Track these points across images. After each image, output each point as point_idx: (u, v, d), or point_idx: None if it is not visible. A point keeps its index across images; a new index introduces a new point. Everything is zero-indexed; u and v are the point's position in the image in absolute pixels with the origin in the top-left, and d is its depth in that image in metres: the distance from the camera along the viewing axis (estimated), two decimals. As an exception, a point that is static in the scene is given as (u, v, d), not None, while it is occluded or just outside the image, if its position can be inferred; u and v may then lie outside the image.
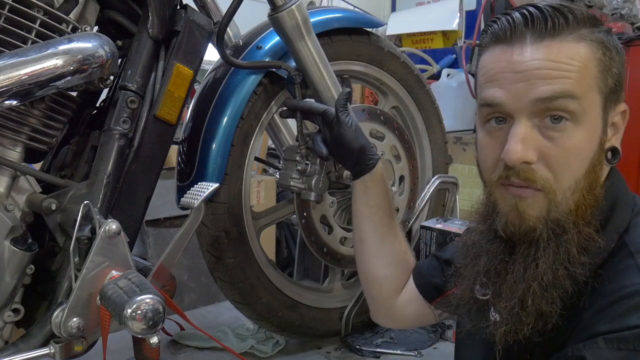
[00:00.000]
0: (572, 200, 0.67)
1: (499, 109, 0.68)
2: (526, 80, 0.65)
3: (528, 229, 0.68)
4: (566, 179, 0.66)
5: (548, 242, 0.67)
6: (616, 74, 0.67)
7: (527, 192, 0.68)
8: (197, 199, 1.03)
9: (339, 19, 1.32)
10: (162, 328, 0.94)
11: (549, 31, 0.65)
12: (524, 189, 0.68)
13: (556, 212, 0.67)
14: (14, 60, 0.82)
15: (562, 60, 0.64)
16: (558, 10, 0.65)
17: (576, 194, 0.67)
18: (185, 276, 2.42)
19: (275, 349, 1.40)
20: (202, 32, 1.08)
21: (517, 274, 0.69)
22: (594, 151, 0.66)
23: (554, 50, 0.65)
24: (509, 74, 0.66)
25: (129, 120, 0.99)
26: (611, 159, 0.69)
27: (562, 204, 0.67)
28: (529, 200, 0.68)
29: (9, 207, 0.91)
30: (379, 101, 1.54)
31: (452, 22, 3.24)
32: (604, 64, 0.66)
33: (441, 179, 1.54)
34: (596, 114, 0.66)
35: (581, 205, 0.67)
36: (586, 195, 0.67)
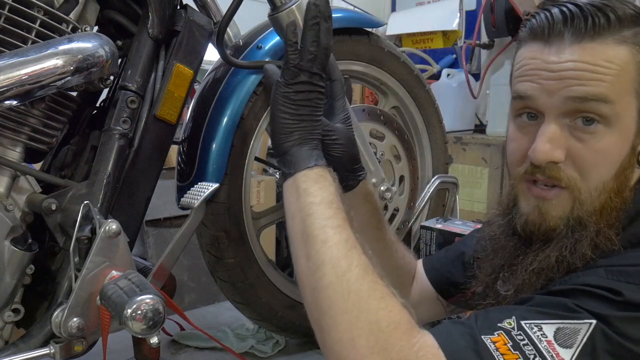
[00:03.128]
0: (598, 201, 0.66)
1: (530, 104, 0.68)
2: (560, 79, 0.64)
3: (548, 229, 0.68)
4: (593, 180, 0.66)
5: (564, 238, 0.67)
6: None
7: (550, 193, 0.68)
8: (197, 199, 1.03)
9: (339, 19, 1.32)
10: (162, 328, 0.94)
11: (589, 32, 0.63)
12: (547, 191, 0.68)
13: (580, 210, 0.66)
14: (14, 60, 0.82)
15: (599, 63, 0.63)
16: (600, 9, 0.63)
17: (603, 195, 0.66)
18: (185, 276, 2.42)
19: (275, 349, 1.40)
20: (202, 32, 1.08)
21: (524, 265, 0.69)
22: (625, 155, 0.66)
23: (592, 52, 0.63)
24: (543, 72, 0.66)
25: (129, 120, 0.99)
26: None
27: (586, 203, 0.66)
28: (552, 202, 0.68)
29: (9, 207, 0.91)
30: (379, 101, 1.54)
31: (452, 22, 3.24)
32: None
33: (441, 179, 1.54)
34: (631, 117, 0.65)
35: (607, 207, 0.66)
36: (614, 197, 0.66)
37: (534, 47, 0.67)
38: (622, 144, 0.65)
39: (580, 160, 0.66)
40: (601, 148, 0.65)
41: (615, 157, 0.66)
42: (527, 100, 0.68)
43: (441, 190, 1.58)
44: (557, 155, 0.65)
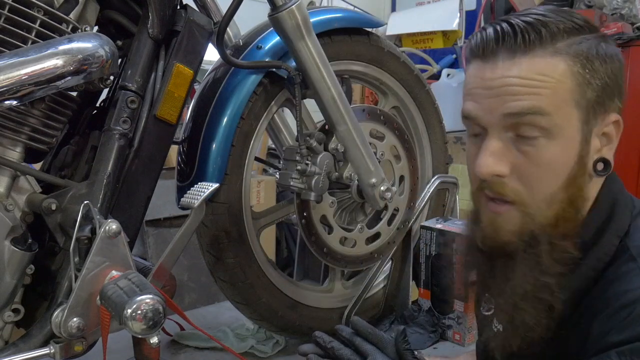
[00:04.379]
0: (550, 212, 0.67)
1: (474, 122, 0.69)
2: (497, 96, 0.65)
3: (502, 243, 0.69)
4: (540, 192, 0.66)
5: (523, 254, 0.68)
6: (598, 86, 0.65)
7: (502, 208, 0.68)
8: (197, 199, 1.03)
9: (339, 19, 1.32)
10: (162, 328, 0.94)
11: (519, 47, 0.64)
12: (500, 206, 0.69)
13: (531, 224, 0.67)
14: (14, 60, 0.82)
15: (533, 77, 0.64)
16: (531, 24, 0.64)
17: (554, 205, 0.66)
18: (185, 276, 2.42)
19: (275, 349, 1.40)
20: (202, 32, 1.08)
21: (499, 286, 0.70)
22: (571, 165, 0.66)
23: (525, 66, 0.64)
24: (482, 90, 0.67)
25: (129, 120, 0.99)
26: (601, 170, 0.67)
27: (537, 215, 0.67)
28: (504, 216, 0.68)
29: (9, 207, 0.91)
30: (379, 101, 1.54)
31: (452, 22, 3.24)
32: (582, 77, 0.64)
33: (441, 179, 1.54)
34: (574, 128, 0.65)
35: (561, 217, 0.67)
36: (567, 207, 0.67)
37: (474, 65, 0.69)
38: (566, 155, 0.66)
39: (524, 173, 0.66)
40: (544, 160, 0.65)
41: (560, 168, 0.66)
42: (472, 119, 0.69)
43: (441, 190, 1.58)
44: (499, 169, 0.66)
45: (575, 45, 0.64)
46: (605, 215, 0.68)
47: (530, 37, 0.64)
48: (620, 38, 2.28)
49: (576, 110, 0.65)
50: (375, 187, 1.26)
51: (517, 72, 0.64)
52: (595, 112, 0.66)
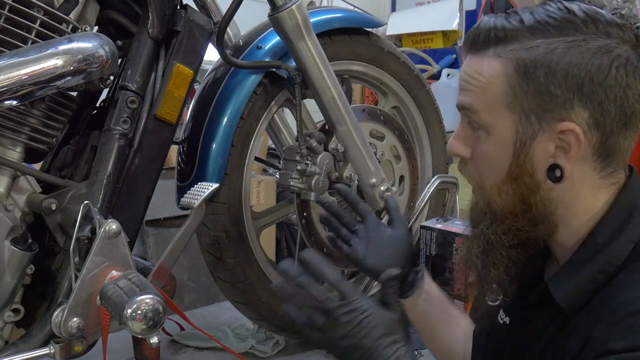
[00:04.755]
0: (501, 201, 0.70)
1: None
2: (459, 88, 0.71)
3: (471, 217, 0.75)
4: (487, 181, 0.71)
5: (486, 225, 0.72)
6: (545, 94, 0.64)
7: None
8: (197, 199, 1.03)
9: (339, 19, 1.32)
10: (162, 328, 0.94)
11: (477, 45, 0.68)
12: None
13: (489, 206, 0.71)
14: (14, 60, 0.82)
15: (471, 75, 0.68)
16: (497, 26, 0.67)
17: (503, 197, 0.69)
18: (185, 276, 2.42)
19: (275, 349, 1.40)
20: (202, 32, 1.08)
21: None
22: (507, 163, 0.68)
23: (471, 64, 0.69)
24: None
25: (129, 120, 0.99)
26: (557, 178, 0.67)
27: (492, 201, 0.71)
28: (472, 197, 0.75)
29: (9, 207, 0.91)
30: (379, 101, 1.54)
31: (452, 22, 3.24)
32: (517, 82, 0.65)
33: (441, 179, 1.54)
34: (505, 128, 0.67)
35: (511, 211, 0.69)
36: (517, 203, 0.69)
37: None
38: (501, 152, 0.68)
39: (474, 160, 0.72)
40: (482, 152, 0.70)
41: (496, 164, 0.69)
42: None
43: (441, 190, 1.57)
44: (459, 151, 0.72)
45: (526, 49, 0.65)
46: (622, 219, 0.67)
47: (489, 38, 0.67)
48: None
49: (509, 112, 0.67)
50: (375, 187, 1.26)
51: (466, 69, 0.69)
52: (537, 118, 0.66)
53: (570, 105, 0.64)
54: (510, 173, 0.68)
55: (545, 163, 0.67)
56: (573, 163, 0.66)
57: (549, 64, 0.64)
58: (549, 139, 0.66)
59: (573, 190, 0.67)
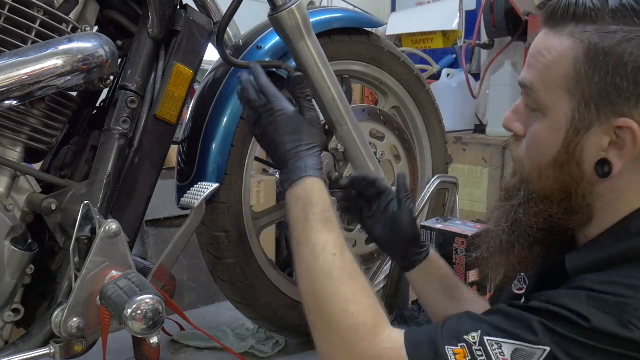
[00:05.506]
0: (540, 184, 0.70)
1: None
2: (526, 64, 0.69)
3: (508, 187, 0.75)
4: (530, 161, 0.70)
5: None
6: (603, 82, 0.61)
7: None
8: (197, 199, 1.03)
9: (339, 19, 1.32)
10: (162, 328, 0.94)
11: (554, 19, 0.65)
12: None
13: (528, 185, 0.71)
14: (14, 60, 0.82)
15: (540, 52, 0.66)
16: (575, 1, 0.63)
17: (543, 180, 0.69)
18: (185, 276, 2.42)
19: (275, 349, 1.40)
20: (202, 32, 1.08)
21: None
22: (556, 148, 0.66)
23: (545, 39, 0.66)
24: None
25: (129, 120, 0.99)
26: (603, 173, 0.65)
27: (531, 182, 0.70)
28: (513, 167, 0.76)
29: (9, 207, 0.91)
30: (379, 101, 1.54)
31: (452, 22, 3.24)
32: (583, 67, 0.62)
33: (441, 179, 1.54)
34: (561, 112, 0.65)
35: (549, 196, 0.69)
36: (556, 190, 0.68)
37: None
38: (552, 136, 0.66)
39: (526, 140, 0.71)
40: (534, 133, 0.69)
41: (544, 147, 0.68)
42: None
43: (441, 190, 1.57)
44: (514, 127, 0.72)
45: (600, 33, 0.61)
46: None
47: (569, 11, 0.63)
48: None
49: (568, 96, 0.64)
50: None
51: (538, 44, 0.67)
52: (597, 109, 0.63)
53: (635, 101, 0.61)
54: (557, 159, 0.67)
55: (596, 156, 0.65)
56: (624, 162, 0.64)
57: (622, 55, 0.60)
58: (605, 133, 0.64)
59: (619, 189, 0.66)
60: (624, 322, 0.57)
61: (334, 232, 0.76)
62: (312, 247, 0.74)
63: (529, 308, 0.62)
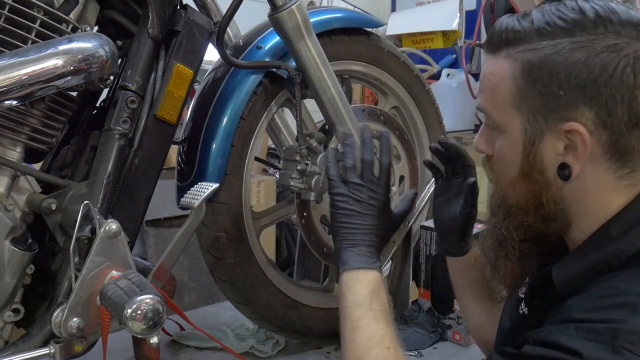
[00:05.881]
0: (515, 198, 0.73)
1: None
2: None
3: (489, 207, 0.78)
4: (502, 178, 0.74)
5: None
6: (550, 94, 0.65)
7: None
8: (197, 199, 1.03)
9: (339, 19, 1.32)
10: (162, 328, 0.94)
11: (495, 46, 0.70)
12: None
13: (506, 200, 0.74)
14: (14, 60, 0.82)
15: (486, 76, 0.71)
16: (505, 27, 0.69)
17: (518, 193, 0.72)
18: (185, 276, 2.42)
19: (275, 349, 1.40)
20: (202, 32, 1.08)
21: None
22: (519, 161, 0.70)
23: (487, 65, 0.72)
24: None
25: (129, 120, 0.99)
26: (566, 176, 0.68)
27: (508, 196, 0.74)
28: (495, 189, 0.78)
29: (9, 207, 0.91)
30: (379, 101, 1.54)
31: (452, 22, 3.24)
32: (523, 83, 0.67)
33: (441, 179, 1.53)
34: (514, 128, 0.69)
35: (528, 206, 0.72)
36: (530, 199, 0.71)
37: None
38: (513, 150, 0.70)
39: (494, 157, 0.75)
40: (498, 150, 0.73)
41: (509, 161, 0.72)
42: None
43: (441, 190, 1.57)
44: (482, 148, 0.76)
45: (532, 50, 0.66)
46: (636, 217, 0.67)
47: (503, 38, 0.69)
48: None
49: (517, 112, 0.69)
50: (375, 187, 1.26)
51: (483, 70, 0.73)
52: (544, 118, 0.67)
53: (575, 105, 0.64)
54: (522, 170, 0.71)
55: (556, 162, 0.68)
56: (581, 162, 0.66)
57: (552, 65, 0.64)
58: (557, 138, 0.67)
59: (585, 188, 0.68)
60: (616, 349, 0.57)
61: (391, 328, 0.78)
62: (370, 336, 0.77)
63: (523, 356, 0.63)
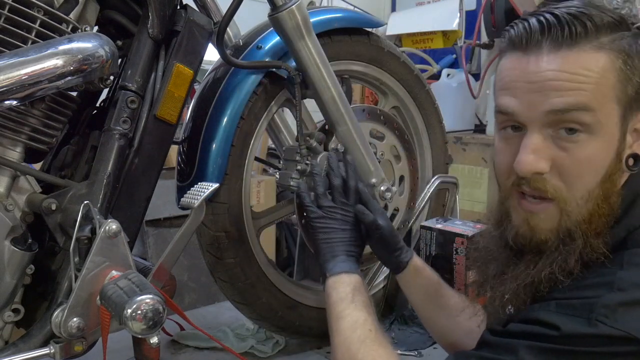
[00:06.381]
0: (586, 209, 0.66)
1: (512, 118, 0.68)
2: (540, 91, 0.64)
3: (539, 242, 0.69)
4: (579, 189, 0.66)
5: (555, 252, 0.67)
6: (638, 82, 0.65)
7: (539, 207, 0.68)
8: (197, 199, 1.03)
9: (339, 19, 1.32)
10: (162, 328, 0.94)
11: (566, 40, 0.63)
12: (536, 205, 0.68)
13: (568, 222, 0.67)
14: (14, 60, 0.82)
15: (578, 72, 0.63)
16: (576, 17, 0.63)
17: (590, 202, 0.66)
18: (185, 276, 2.42)
19: (275, 349, 1.40)
20: (202, 32, 1.08)
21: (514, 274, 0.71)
22: (610, 161, 0.65)
23: (570, 60, 0.63)
24: (523, 84, 0.65)
25: (129, 120, 0.99)
26: (632, 166, 0.67)
27: (574, 212, 0.66)
28: (541, 216, 0.68)
29: (9, 207, 0.91)
30: (379, 101, 1.54)
31: (452, 22, 3.24)
32: (624, 74, 0.64)
33: (441, 179, 1.54)
34: (613, 124, 0.65)
35: (595, 213, 0.66)
36: (601, 203, 0.66)
37: (513, 57, 0.67)
38: (606, 151, 0.65)
39: (565, 170, 0.65)
40: (585, 157, 0.65)
41: (600, 165, 0.65)
42: (509, 115, 0.68)
43: (441, 190, 1.57)
44: (541, 166, 0.65)
45: (617, 41, 0.64)
46: (622, 209, 0.67)
47: (577, 29, 0.63)
48: (620, 38, 2.27)
49: (617, 106, 0.64)
50: (375, 187, 1.26)
51: (563, 66, 0.63)
52: (632, 109, 0.65)
53: None
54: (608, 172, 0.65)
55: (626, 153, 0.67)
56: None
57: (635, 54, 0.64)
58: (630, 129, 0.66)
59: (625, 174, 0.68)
60: (591, 322, 0.58)
61: (373, 316, 0.83)
62: (353, 322, 0.81)
63: (509, 333, 0.65)
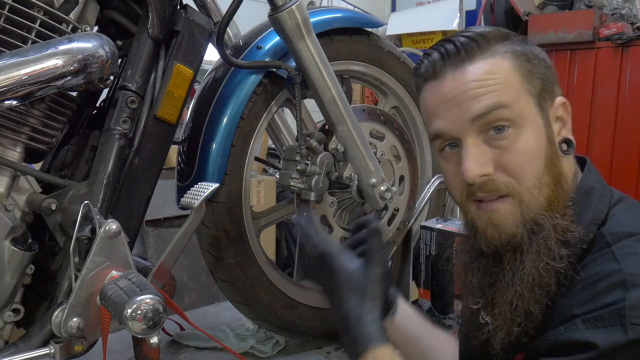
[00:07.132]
0: (542, 195, 0.70)
1: (446, 137, 0.73)
2: (459, 105, 0.70)
3: (509, 237, 0.71)
4: (527, 179, 0.70)
5: (530, 242, 0.70)
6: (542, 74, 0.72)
7: (497, 204, 0.71)
8: (197, 199, 1.03)
9: (339, 19, 1.32)
10: (162, 328, 0.94)
11: (465, 58, 0.70)
12: (493, 203, 0.71)
13: (529, 211, 0.70)
14: (14, 60, 0.82)
15: (485, 78, 0.70)
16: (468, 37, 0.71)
17: (543, 189, 0.70)
18: (185, 276, 2.42)
19: (275, 349, 1.40)
20: (202, 32, 1.08)
21: (507, 279, 0.72)
22: (544, 147, 0.70)
23: (475, 71, 0.70)
24: (443, 104, 0.72)
25: (129, 120, 0.99)
26: (566, 150, 0.72)
27: (532, 202, 0.70)
28: (502, 212, 0.71)
29: (9, 207, 0.91)
30: (379, 101, 1.54)
31: (452, 22, 3.24)
32: (525, 70, 0.71)
33: (441, 179, 1.54)
34: (533, 114, 0.71)
35: (552, 198, 0.70)
36: (554, 188, 0.70)
37: (428, 87, 0.74)
38: (536, 138, 0.70)
39: (507, 164, 0.70)
40: (520, 147, 0.69)
41: (537, 151, 0.70)
42: (443, 136, 0.73)
43: (441, 190, 1.57)
44: (486, 169, 0.70)
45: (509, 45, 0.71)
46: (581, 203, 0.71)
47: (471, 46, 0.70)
48: (620, 38, 2.26)
49: (530, 97, 0.71)
50: (375, 187, 1.26)
51: (470, 77, 0.70)
52: (545, 99, 0.71)
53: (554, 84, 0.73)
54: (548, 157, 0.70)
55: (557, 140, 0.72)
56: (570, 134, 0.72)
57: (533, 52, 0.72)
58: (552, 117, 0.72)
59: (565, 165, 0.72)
60: (626, 327, 0.58)
61: None
62: None
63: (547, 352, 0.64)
